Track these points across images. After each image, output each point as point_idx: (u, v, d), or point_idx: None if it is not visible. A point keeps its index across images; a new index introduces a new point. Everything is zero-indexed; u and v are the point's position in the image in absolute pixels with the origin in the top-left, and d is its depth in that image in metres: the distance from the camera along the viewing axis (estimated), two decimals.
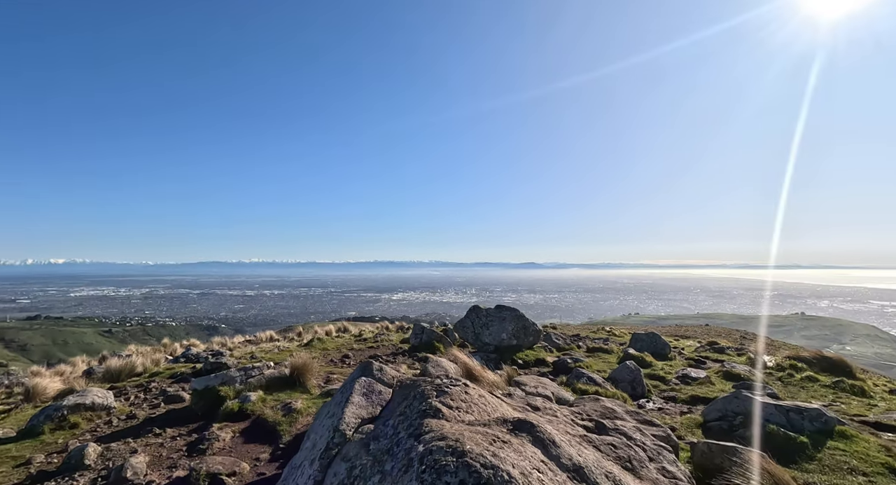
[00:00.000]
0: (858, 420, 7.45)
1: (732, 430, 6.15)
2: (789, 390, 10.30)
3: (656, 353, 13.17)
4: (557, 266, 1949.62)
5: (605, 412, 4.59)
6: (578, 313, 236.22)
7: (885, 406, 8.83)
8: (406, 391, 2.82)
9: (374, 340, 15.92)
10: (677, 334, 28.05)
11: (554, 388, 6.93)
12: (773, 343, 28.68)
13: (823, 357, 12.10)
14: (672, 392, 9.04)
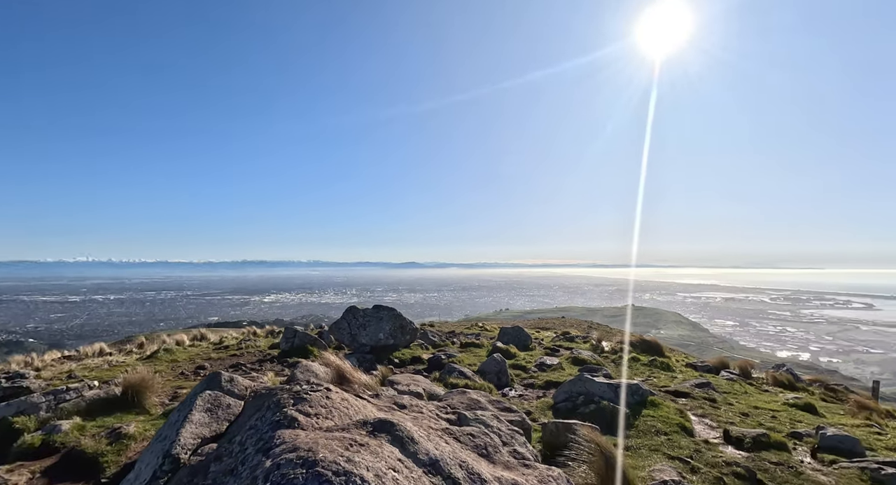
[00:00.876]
0: (664, 390, 9.25)
1: (576, 408, 7.09)
2: (620, 369, 12.29)
3: (520, 344, 14.51)
4: (438, 266, 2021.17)
5: (470, 404, 4.87)
6: (456, 311, 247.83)
7: (682, 377, 11.14)
8: (259, 402, 2.57)
9: (237, 348, 14.37)
10: (539, 327, 31.40)
11: (426, 384, 7.11)
12: (611, 331, 34.03)
13: (643, 340, 14.77)
14: (531, 379, 10.05)
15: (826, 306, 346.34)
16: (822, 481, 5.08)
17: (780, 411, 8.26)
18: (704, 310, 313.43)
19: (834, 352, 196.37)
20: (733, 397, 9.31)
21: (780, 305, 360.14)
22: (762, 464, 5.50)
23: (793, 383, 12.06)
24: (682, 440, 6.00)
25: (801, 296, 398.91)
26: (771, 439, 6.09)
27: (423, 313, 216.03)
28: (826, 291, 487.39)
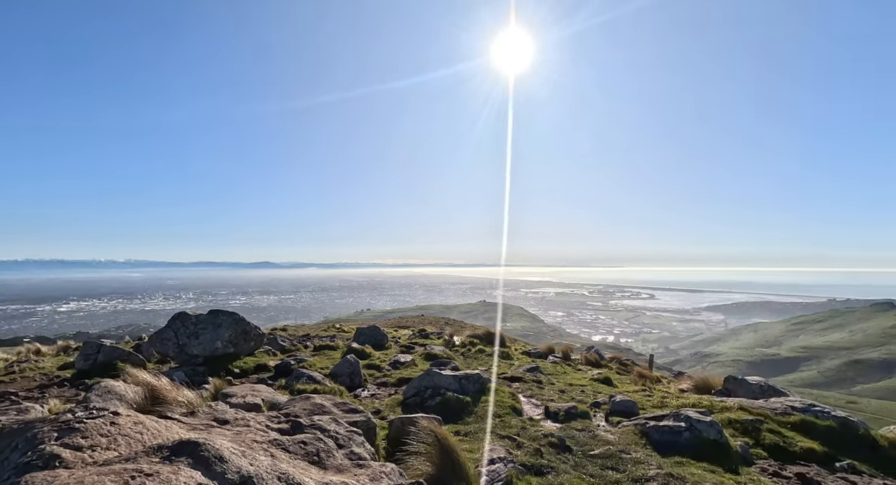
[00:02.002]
0: (502, 377, 10.31)
1: (424, 402, 7.38)
2: (468, 361, 13.27)
3: (376, 344, 14.50)
4: (295, 266, 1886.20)
5: (313, 409, 4.64)
6: (315, 313, 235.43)
7: (518, 364, 12.58)
8: (7, 441, 1.96)
9: (5, 372, 11.03)
10: (399, 326, 31.92)
11: (268, 393, 6.54)
12: (465, 326, 36.60)
13: (489, 333, 16.25)
14: (385, 378, 10.12)
15: (626, 297, 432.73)
16: (610, 438, 6.29)
17: (587, 386, 9.98)
18: (541, 303, 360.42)
19: (629, 333, 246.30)
20: (555, 377, 10.90)
21: (595, 297, 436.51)
22: (571, 432, 6.54)
23: (598, 361, 14.69)
24: (513, 420, 6.76)
25: (610, 289, 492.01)
26: (578, 410, 7.30)
27: (278, 317, 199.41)
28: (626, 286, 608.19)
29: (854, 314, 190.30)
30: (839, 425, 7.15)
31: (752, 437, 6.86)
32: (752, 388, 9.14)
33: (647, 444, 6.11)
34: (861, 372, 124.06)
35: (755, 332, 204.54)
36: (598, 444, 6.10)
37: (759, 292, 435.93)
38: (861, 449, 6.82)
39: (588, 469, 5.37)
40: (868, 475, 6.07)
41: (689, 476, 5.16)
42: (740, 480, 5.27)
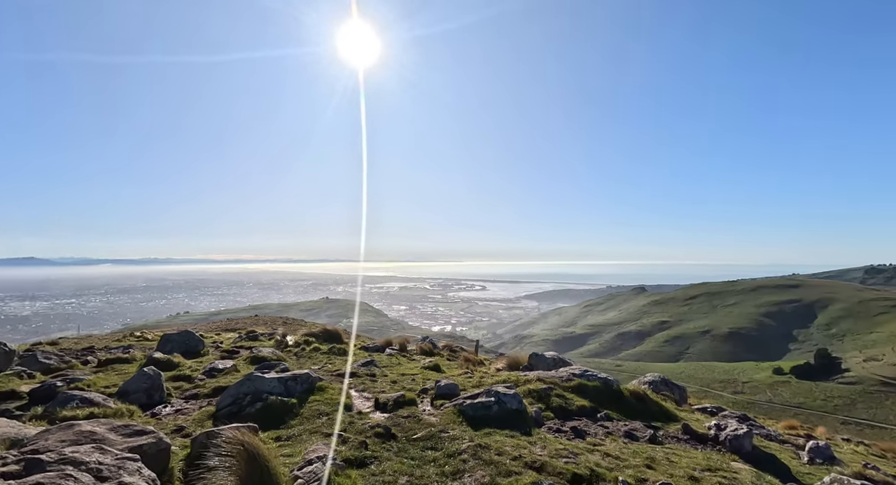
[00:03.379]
0: (336, 374, 10.09)
1: (242, 410, 6.68)
2: (301, 361, 12.56)
3: (189, 351, 12.52)
4: (81, 263, 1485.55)
5: (75, 440, 3.69)
6: (109, 320, 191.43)
7: (354, 359, 12.46)
8: None
9: None
10: (225, 329, 28.18)
11: (9, 428, 4.97)
12: (304, 324, 34.56)
13: (326, 330, 15.72)
14: (196, 389, 8.80)
15: (462, 289, 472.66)
16: (432, 421, 6.76)
17: (418, 374, 10.55)
18: (385, 298, 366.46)
19: (464, 323, 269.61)
20: (389, 369, 11.20)
21: (436, 290, 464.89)
22: (397, 420, 6.80)
23: (432, 350, 15.66)
24: (341, 416, 6.67)
25: (449, 282, 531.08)
26: (406, 398, 7.64)
27: (48, 329, 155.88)
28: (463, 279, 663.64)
29: (621, 297, 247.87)
30: (602, 384, 9.19)
31: (544, 402, 8.27)
32: (548, 361, 11.02)
33: (462, 421, 6.76)
34: (625, 341, 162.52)
35: (559, 315, 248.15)
36: (421, 427, 6.49)
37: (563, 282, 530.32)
38: (615, 401, 8.90)
39: (410, 452, 5.66)
40: (616, 420, 7.97)
41: (494, 443, 5.92)
42: (532, 439, 6.29)
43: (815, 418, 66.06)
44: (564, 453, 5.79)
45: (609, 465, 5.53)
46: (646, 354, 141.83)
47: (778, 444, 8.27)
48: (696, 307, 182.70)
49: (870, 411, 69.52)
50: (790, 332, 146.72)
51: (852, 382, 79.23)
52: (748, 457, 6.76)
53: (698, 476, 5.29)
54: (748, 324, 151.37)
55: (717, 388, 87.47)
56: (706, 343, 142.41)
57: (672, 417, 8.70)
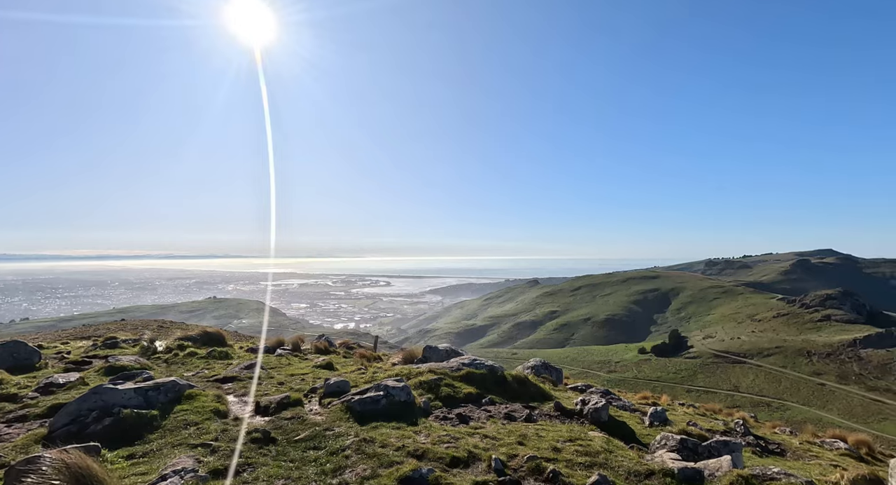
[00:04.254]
0: (213, 379, 9.22)
1: (84, 429, 5.75)
2: (172, 368, 11.20)
3: (18, 366, 10.36)
4: None
5: None
6: None
7: (238, 362, 11.53)
8: None
9: None
10: (77, 336, 23.85)
11: None
12: (184, 327, 30.80)
13: (206, 333, 14.24)
14: (24, 410, 7.33)
15: (366, 285, 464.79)
16: (318, 420, 6.57)
17: (309, 374, 10.14)
18: (283, 296, 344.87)
19: (368, 319, 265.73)
20: (277, 370, 10.58)
21: (338, 286, 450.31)
22: (280, 423, 6.47)
23: (328, 348, 15.15)
24: (213, 425, 6.12)
25: (352, 279, 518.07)
26: (291, 399, 7.30)
27: None
28: (367, 275, 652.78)
29: (518, 290, 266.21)
30: (488, 371, 9.79)
31: (434, 392, 8.55)
32: (441, 353, 11.40)
33: (350, 417, 6.68)
34: (520, 330, 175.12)
35: (462, 308, 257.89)
36: (305, 428, 6.26)
37: (465, 277, 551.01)
38: (499, 386, 9.55)
39: (290, 455, 5.43)
40: (499, 404, 8.57)
41: (379, 437, 5.96)
42: (417, 429, 6.46)
43: (667, 388, 78.44)
44: (447, 438, 6.06)
45: (486, 445, 5.93)
46: (538, 342, 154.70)
47: (629, 413, 9.66)
48: (580, 297, 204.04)
49: (706, 379, 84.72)
50: (652, 316, 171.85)
51: (695, 356, 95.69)
52: (604, 426, 7.79)
53: (560, 447, 5.95)
54: (620, 311, 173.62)
55: (595, 368, 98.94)
56: (588, 329, 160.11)
57: (548, 396, 9.63)
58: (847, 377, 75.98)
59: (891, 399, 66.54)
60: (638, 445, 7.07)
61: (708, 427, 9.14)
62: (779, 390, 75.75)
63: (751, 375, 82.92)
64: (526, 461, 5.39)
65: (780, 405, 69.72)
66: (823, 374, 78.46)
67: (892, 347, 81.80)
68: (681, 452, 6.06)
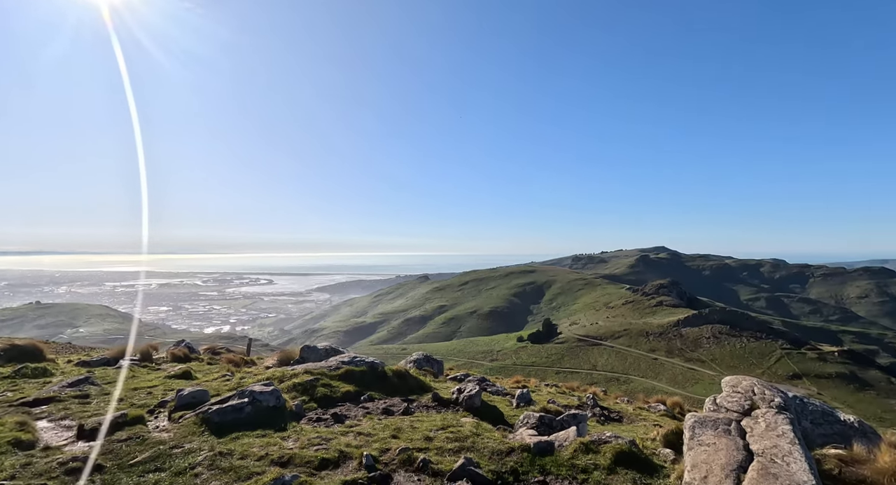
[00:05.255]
0: (19, 403, 7.43)
1: None
2: None
3: None
4: None
5: None
6: None
7: (61, 379, 9.48)
8: None
9: None
10: None
11: None
12: None
13: (14, 346, 11.41)
14: None
15: (244, 284, 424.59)
16: (164, 437, 5.73)
17: (159, 386, 8.81)
18: (138, 298, 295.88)
19: (247, 321, 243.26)
20: (116, 385, 8.96)
21: (210, 286, 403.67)
22: (112, 446, 5.47)
23: (188, 356, 13.37)
24: (8, 460, 4.90)
25: (227, 277, 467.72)
26: (129, 416, 6.23)
27: None
28: (245, 272, 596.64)
29: (408, 285, 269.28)
30: (368, 368, 9.65)
31: (309, 393, 8.13)
32: (320, 352, 10.90)
33: (206, 430, 5.96)
34: (410, 326, 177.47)
35: (351, 306, 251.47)
36: (145, 448, 5.40)
37: (354, 273, 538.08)
38: (379, 382, 9.47)
39: (123, 482, 4.63)
40: (378, 399, 8.50)
41: (240, 447, 5.43)
42: (286, 434, 6.05)
43: (540, 371, 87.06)
44: (317, 441, 5.78)
45: (359, 443, 5.82)
46: (427, 336, 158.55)
47: (501, 397, 10.43)
48: (467, 292, 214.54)
49: (571, 361, 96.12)
50: (529, 307, 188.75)
51: (563, 341, 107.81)
52: (477, 411, 8.26)
53: (433, 436, 6.12)
54: (503, 303, 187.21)
55: (479, 358, 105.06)
56: (473, 322, 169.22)
57: (427, 388, 9.87)
58: (672, 352, 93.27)
59: (701, 367, 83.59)
60: (505, 426, 7.65)
61: (565, 403, 10.33)
62: (625, 366, 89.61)
63: (605, 354, 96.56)
64: (398, 454, 5.42)
65: (625, 379, 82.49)
66: (657, 350, 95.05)
67: (703, 325, 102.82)
68: (539, 428, 6.71)
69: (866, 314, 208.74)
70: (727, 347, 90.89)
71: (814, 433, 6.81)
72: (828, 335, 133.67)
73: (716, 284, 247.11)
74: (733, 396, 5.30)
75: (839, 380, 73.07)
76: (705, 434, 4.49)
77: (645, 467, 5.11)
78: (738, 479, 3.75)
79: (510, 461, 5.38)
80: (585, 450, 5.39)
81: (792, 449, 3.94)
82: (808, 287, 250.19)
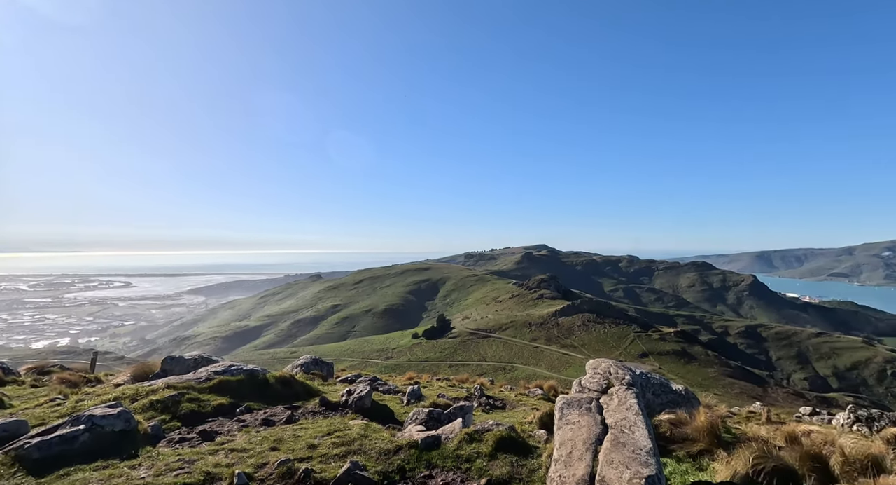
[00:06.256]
0: None
1: None
2: None
3: None
4: None
5: None
6: None
7: None
8: None
9: None
10: None
11: None
12: None
13: None
14: None
15: (90, 288, 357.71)
16: None
17: None
18: None
19: (94, 331, 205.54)
20: None
21: (41, 291, 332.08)
22: None
23: (2, 378, 10.73)
24: None
25: (66, 280, 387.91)
26: None
27: None
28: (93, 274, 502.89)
29: (299, 285, 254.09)
30: (247, 376, 8.80)
31: (171, 411, 7.09)
32: (188, 363, 9.62)
33: (20, 470, 4.81)
34: (301, 327, 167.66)
35: (232, 309, 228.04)
36: None
37: (236, 273, 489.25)
38: (259, 391, 8.70)
39: None
40: (257, 410, 7.80)
41: None
42: (137, 461, 5.18)
43: (434, 366, 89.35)
44: (178, 465, 5.06)
45: (231, 461, 5.24)
46: (320, 338, 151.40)
47: (393, 395, 10.39)
48: (362, 290, 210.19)
49: (463, 354, 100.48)
50: (424, 304, 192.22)
51: (456, 336, 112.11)
52: (367, 412, 8.09)
53: (317, 443, 5.80)
54: (398, 301, 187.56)
55: (374, 357, 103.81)
56: (368, 320, 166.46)
57: (315, 393, 9.36)
58: (551, 339, 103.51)
59: (573, 352, 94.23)
60: (395, 424, 7.61)
61: (455, 396, 10.70)
62: (511, 355, 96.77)
63: (494, 346, 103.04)
64: (276, 468, 5.02)
65: (511, 367, 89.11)
66: (538, 339, 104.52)
67: (575, 314, 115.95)
68: (428, 423, 6.82)
69: (693, 300, 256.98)
70: (594, 333, 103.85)
71: (654, 403, 8.10)
72: (667, 319, 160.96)
73: (586, 278, 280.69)
74: (594, 377, 6.03)
75: (674, 355, 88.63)
76: (571, 414, 5.02)
77: (522, 449, 5.51)
78: (595, 450, 4.26)
79: (397, 460, 5.35)
80: (469, 440, 5.61)
81: (637, 419, 4.61)
82: (653, 279, 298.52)
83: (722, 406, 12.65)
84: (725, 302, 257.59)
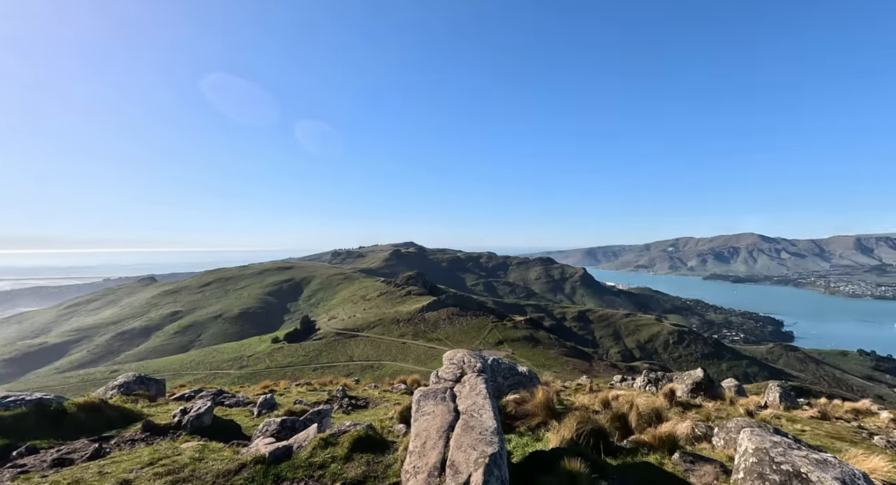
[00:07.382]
0: None
1: None
2: None
3: None
4: None
5: None
6: None
7: None
8: None
9: None
10: None
11: None
12: None
13: None
14: None
15: None
16: None
17: None
18: None
19: None
20: None
21: None
22: None
23: None
24: None
25: None
26: None
27: None
28: None
29: (124, 290, 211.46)
30: (33, 408, 6.88)
31: None
32: None
33: None
34: (126, 341, 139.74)
35: (20, 323, 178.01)
36: None
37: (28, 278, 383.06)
38: (53, 424, 6.89)
39: None
40: (46, 449, 6.14)
41: None
42: None
43: (297, 371, 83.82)
44: None
45: None
46: (153, 351, 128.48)
47: (242, 407, 9.33)
48: (209, 293, 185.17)
49: (329, 355, 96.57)
50: (286, 305, 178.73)
51: (321, 337, 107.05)
52: (207, 430, 7.08)
53: (132, 477, 4.83)
54: (255, 303, 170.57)
55: (225, 367, 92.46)
56: (218, 327, 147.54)
57: (136, 417, 7.83)
58: (418, 334, 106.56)
59: (438, 345, 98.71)
60: (241, 440, 6.83)
61: (314, 400, 10.13)
62: (379, 352, 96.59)
63: (361, 345, 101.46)
64: None
65: (379, 365, 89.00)
66: (405, 335, 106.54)
67: (441, 309, 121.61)
68: (280, 433, 6.28)
69: (539, 291, 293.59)
70: (457, 326, 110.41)
71: (504, 385, 8.92)
72: (519, 309, 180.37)
73: (451, 274, 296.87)
74: (449, 367, 6.32)
75: (524, 341, 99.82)
76: (427, 404, 5.16)
77: (379, 446, 5.46)
78: (447, 437, 4.45)
79: (239, 480, 4.78)
80: (325, 445, 5.33)
81: (484, 403, 4.98)
82: (508, 273, 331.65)
83: (557, 382, 14.68)
84: (564, 291, 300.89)
